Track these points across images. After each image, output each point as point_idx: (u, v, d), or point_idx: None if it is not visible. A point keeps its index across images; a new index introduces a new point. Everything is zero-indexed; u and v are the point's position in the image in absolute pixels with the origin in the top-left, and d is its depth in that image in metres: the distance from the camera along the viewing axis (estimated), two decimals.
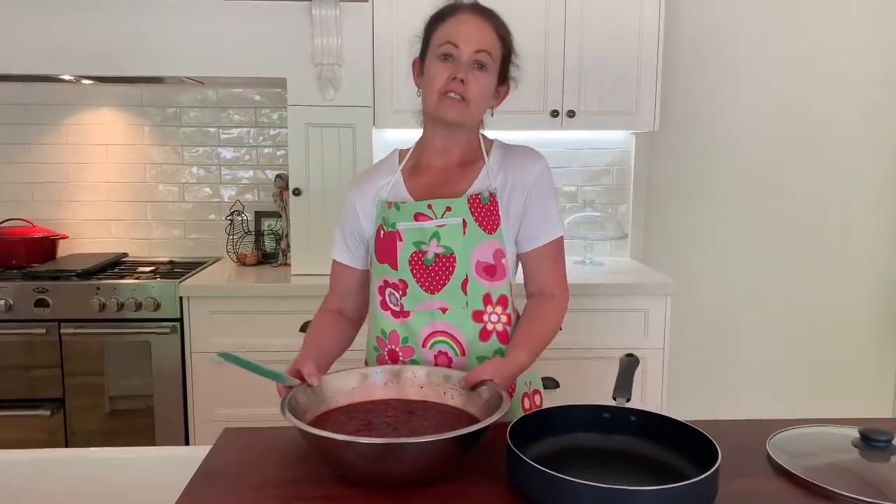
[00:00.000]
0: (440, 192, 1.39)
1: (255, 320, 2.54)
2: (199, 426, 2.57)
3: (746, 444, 1.19)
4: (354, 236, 1.45)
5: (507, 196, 1.37)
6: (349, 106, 2.62)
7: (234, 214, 2.92)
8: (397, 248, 1.36)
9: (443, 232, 1.35)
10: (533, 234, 1.39)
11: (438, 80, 1.32)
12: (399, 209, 1.37)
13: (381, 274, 1.40)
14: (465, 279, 1.35)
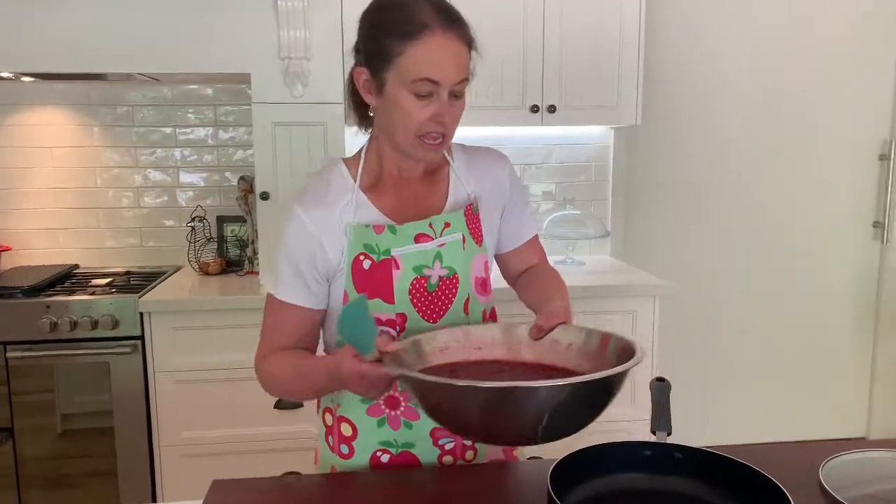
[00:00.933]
0: (419, 207, 1.23)
1: (223, 335, 2.36)
2: (164, 450, 2.38)
3: (797, 473, 1.09)
4: (316, 273, 1.17)
5: (486, 203, 1.28)
6: (319, 103, 2.45)
7: (194, 220, 2.72)
8: (393, 278, 1.17)
9: (444, 252, 1.20)
10: (517, 234, 1.36)
11: (415, 121, 1.12)
12: (395, 232, 1.17)
13: None
14: (467, 299, 1.23)
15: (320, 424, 1.31)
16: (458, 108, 1.15)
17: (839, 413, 3.40)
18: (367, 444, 1.23)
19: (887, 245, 3.28)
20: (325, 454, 1.29)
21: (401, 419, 1.21)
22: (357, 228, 1.16)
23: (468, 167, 1.28)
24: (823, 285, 3.29)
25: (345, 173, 1.22)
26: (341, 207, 1.17)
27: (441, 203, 1.24)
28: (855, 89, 3.18)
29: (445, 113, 1.12)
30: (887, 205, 3.24)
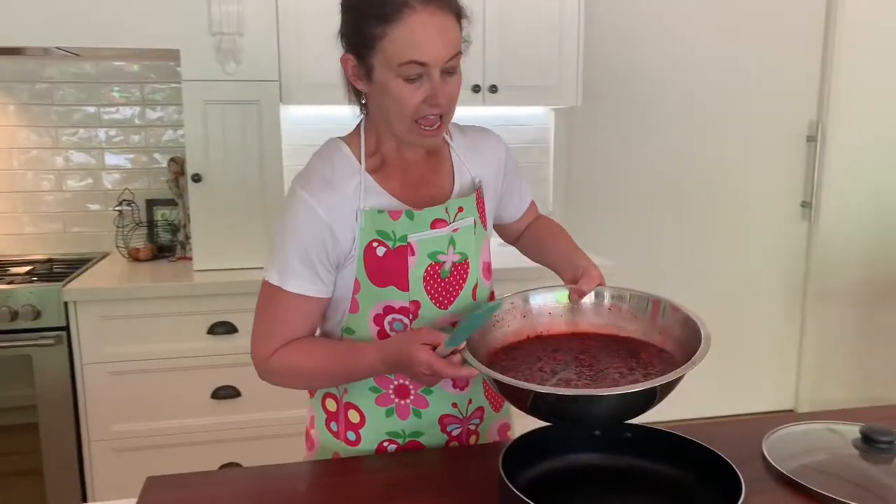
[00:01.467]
0: (428, 190, 1.19)
1: (156, 324, 2.26)
2: (94, 445, 2.27)
3: (741, 446, 1.11)
4: (327, 262, 1.11)
5: (487, 186, 1.25)
6: (253, 80, 2.36)
7: (122, 204, 2.59)
8: (409, 265, 1.12)
9: (457, 237, 1.16)
10: (517, 207, 1.36)
11: (408, 106, 1.06)
12: (413, 218, 1.11)
13: (380, 299, 1.13)
14: (476, 284, 1.21)
15: (318, 411, 1.25)
16: (454, 85, 1.08)
17: (769, 387, 3.53)
18: (375, 433, 1.19)
19: (814, 224, 3.40)
20: (327, 440, 1.23)
21: (410, 408, 1.18)
22: (371, 214, 1.10)
23: (469, 150, 1.24)
24: (754, 263, 3.39)
25: (348, 154, 1.14)
26: (351, 191, 1.11)
27: (448, 185, 1.20)
28: (784, 73, 3.27)
29: (439, 93, 1.05)
30: (814, 185, 3.36)
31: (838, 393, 3.52)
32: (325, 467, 1.12)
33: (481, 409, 1.24)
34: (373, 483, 1.04)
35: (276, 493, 1.01)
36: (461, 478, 1.05)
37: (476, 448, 1.20)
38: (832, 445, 1.13)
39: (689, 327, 1.04)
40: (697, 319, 1.04)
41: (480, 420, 1.24)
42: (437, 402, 1.19)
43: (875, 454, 1.06)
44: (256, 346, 1.15)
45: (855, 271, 3.44)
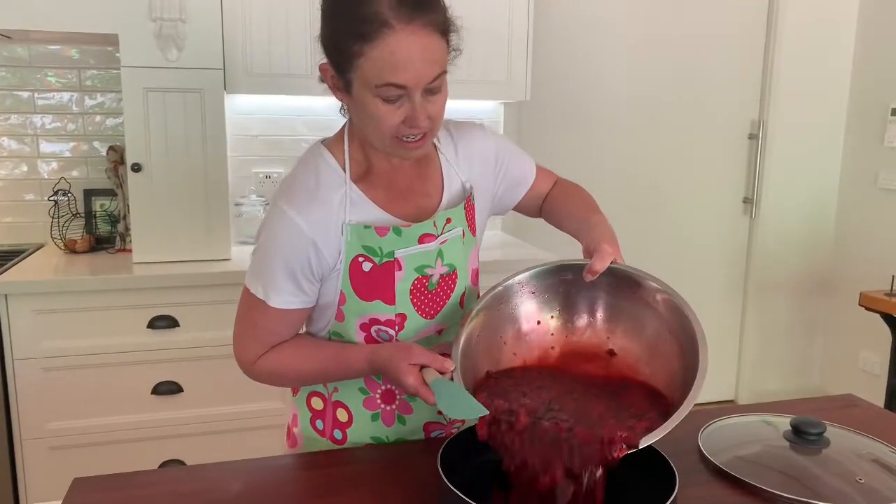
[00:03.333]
0: (416, 199, 1.14)
1: (93, 318, 2.19)
2: (27, 444, 2.19)
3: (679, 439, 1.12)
4: (311, 276, 1.08)
5: (478, 188, 1.21)
6: (196, 68, 2.29)
7: (57, 194, 2.49)
8: (395, 279, 1.10)
9: (445, 248, 1.13)
10: (523, 181, 1.30)
11: (387, 126, 1.01)
12: (400, 234, 1.08)
13: (365, 312, 1.11)
14: (464, 293, 1.18)
15: (302, 409, 1.23)
16: (439, 103, 1.03)
17: (710, 378, 3.59)
18: (360, 435, 1.18)
19: (756, 220, 3.49)
20: (312, 438, 1.21)
21: (395, 414, 1.17)
22: (356, 229, 1.07)
23: (457, 152, 1.19)
24: (697, 257, 3.46)
25: (332, 163, 1.10)
26: (336, 204, 1.07)
27: (437, 192, 1.16)
28: (727, 72, 3.34)
29: (419, 115, 0.99)
30: (756, 182, 3.45)
31: (778, 383, 3.63)
32: (261, 464, 1.10)
33: None
34: (314, 478, 1.03)
35: (208, 493, 0.98)
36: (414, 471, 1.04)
37: (428, 441, 1.19)
38: (765, 437, 1.15)
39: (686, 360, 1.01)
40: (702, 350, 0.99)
41: (463, 423, 1.23)
42: (421, 409, 1.18)
43: (805, 445, 1.09)
44: (241, 351, 1.15)
45: (794, 264, 3.55)
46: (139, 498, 0.95)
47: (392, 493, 0.97)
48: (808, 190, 3.49)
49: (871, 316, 2.82)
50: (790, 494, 0.97)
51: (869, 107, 3.33)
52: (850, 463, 1.06)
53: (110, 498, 0.96)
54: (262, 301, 1.09)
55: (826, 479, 1.02)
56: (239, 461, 1.08)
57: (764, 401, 3.43)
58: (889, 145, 3.21)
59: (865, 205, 3.37)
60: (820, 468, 1.06)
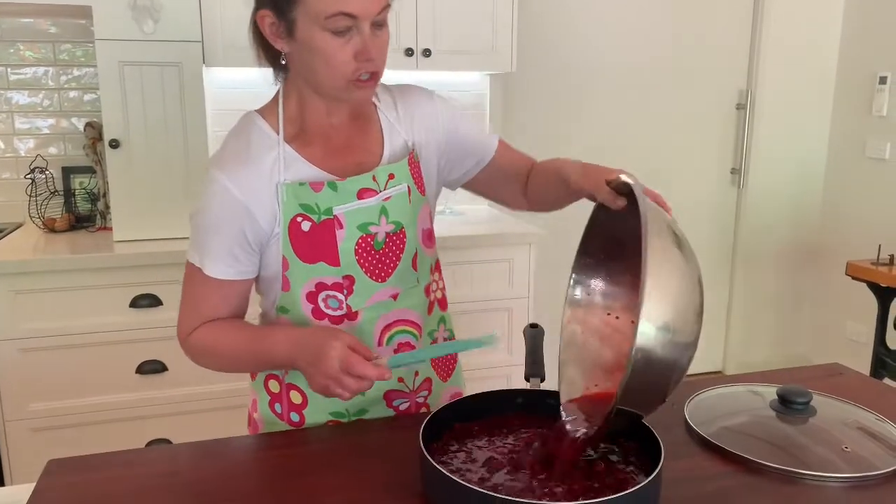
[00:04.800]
0: (355, 156, 1.11)
1: (75, 298, 2.16)
2: (9, 425, 2.17)
3: (666, 410, 1.11)
4: (247, 245, 1.05)
5: (425, 149, 1.18)
6: (173, 41, 2.24)
7: (34, 172, 2.44)
8: (337, 239, 1.06)
9: (390, 205, 1.10)
10: (481, 152, 1.23)
11: (338, 62, 0.98)
12: (336, 189, 1.05)
13: (310, 276, 1.07)
14: (415, 254, 1.15)
15: (261, 393, 1.19)
16: (384, 39, 1.02)
17: (698, 349, 3.62)
18: (318, 413, 1.14)
19: (743, 190, 3.48)
20: (272, 422, 1.17)
21: None
22: (291, 188, 1.04)
23: (399, 111, 1.16)
24: (685, 228, 3.43)
25: (264, 128, 1.07)
26: (269, 166, 1.04)
27: (377, 149, 1.12)
28: (715, 41, 3.31)
29: (371, 48, 0.98)
30: (744, 152, 3.43)
31: (765, 353, 3.65)
32: (240, 443, 1.08)
33: (429, 380, 1.20)
34: (293, 457, 1.01)
35: (184, 473, 0.96)
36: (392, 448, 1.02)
37: (405, 418, 1.17)
38: (752, 407, 1.14)
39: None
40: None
41: (429, 392, 1.21)
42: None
43: (791, 415, 1.08)
44: (180, 323, 1.13)
45: (781, 235, 3.54)
46: (113, 479, 0.93)
47: (372, 470, 0.96)
48: (795, 160, 3.47)
49: (857, 285, 2.83)
50: (776, 464, 0.96)
51: (857, 75, 3.31)
52: (836, 431, 1.06)
53: (84, 479, 0.93)
54: (198, 270, 1.06)
55: (812, 448, 1.02)
56: (217, 440, 1.06)
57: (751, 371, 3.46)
58: (877, 114, 3.20)
59: (853, 174, 3.37)
60: (806, 437, 1.05)
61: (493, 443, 0.97)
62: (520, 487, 0.86)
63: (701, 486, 0.94)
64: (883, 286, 2.71)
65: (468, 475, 0.88)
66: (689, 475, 0.96)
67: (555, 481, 0.87)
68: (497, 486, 0.86)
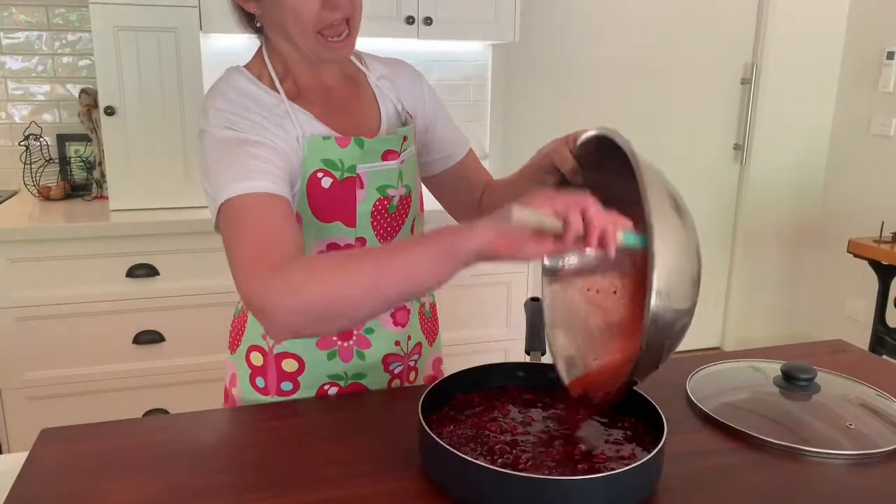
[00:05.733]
0: (355, 118, 1.08)
1: (70, 267, 2.14)
2: (6, 394, 2.16)
3: (667, 386, 1.10)
4: (280, 165, 0.94)
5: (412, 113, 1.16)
6: (169, 6, 2.19)
7: (28, 139, 2.41)
8: (356, 198, 1.02)
9: (404, 169, 1.08)
10: (452, 149, 1.21)
11: (306, 14, 0.94)
12: (363, 146, 1.01)
13: (324, 235, 1.03)
14: (414, 219, 1.14)
15: (241, 367, 1.13)
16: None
17: (696, 325, 3.60)
18: (315, 378, 1.11)
19: (746, 166, 3.44)
20: (251, 397, 1.12)
21: (353, 350, 1.11)
22: (314, 141, 0.99)
23: (390, 81, 1.14)
24: (687, 204, 3.41)
25: (258, 83, 1.00)
26: (280, 117, 0.97)
27: (374, 114, 1.10)
28: (721, 13, 3.25)
29: (343, 2, 0.95)
30: (747, 127, 3.39)
31: (763, 330, 3.65)
32: (235, 414, 1.07)
33: (419, 344, 1.20)
34: (287, 428, 0.99)
35: (179, 443, 0.95)
36: (390, 418, 1.01)
37: (404, 390, 1.16)
38: (754, 383, 1.13)
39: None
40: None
41: (419, 356, 1.20)
42: (380, 341, 1.12)
43: (795, 391, 1.07)
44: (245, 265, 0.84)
45: (783, 212, 3.52)
46: (107, 449, 0.92)
47: (369, 443, 0.94)
48: (799, 136, 3.44)
49: (858, 263, 2.81)
50: (779, 440, 0.95)
51: (864, 51, 3.26)
52: (839, 408, 1.05)
53: (78, 448, 0.92)
54: (243, 199, 0.88)
55: (816, 425, 1.01)
56: (213, 410, 1.05)
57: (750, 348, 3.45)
58: (883, 90, 3.16)
59: (857, 151, 3.33)
60: (809, 414, 1.04)
61: (493, 416, 0.96)
62: (524, 460, 0.84)
63: (702, 461, 0.93)
64: (884, 264, 2.70)
65: (466, 448, 0.87)
66: (691, 451, 0.95)
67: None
68: (498, 460, 0.85)
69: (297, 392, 1.12)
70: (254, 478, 0.87)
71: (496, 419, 0.94)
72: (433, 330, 1.24)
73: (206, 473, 0.88)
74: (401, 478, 0.87)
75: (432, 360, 1.25)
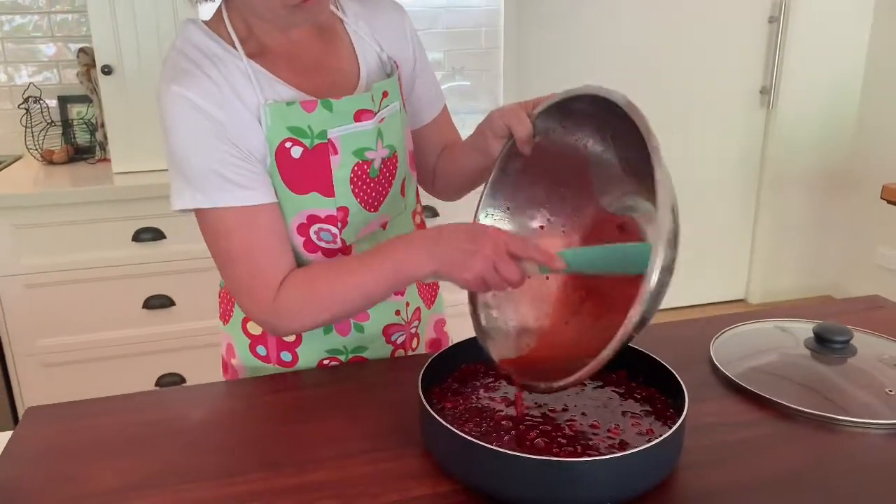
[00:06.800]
0: (329, 77, 0.98)
1: (77, 232, 2.09)
2: (19, 361, 2.15)
3: (689, 349, 1.03)
4: (254, 158, 0.90)
5: (399, 60, 1.06)
6: None
7: (28, 101, 2.34)
8: (331, 166, 0.93)
9: (384, 128, 0.98)
10: (428, 102, 1.12)
11: None
12: (331, 109, 0.91)
13: (301, 208, 0.95)
14: (404, 179, 1.04)
15: (238, 337, 1.08)
16: None
17: (720, 276, 3.52)
18: (313, 352, 1.05)
19: (773, 111, 3.29)
20: (254, 367, 1.07)
21: (350, 323, 1.04)
22: (277, 108, 0.89)
23: (367, 23, 1.03)
24: (709, 150, 3.29)
25: (215, 38, 0.91)
26: (240, 82, 0.88)
27: (351, 68, 0.99)
28: None
29: None
30: (775, 69, 3.23)
31: (790, 281, 3.54)
32: (229, 388, 1.02)
33: (418, 309, 1.12)
34: (282, 403, 0.94)
35: (168, 421, 0.90)
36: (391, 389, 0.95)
37: (406, 359, 1.10)
38: (784, 345, 1.05)
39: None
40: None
41: (419, 321, 1.13)
42: (379, 312, 1.05)
43: (828, 355, 0.99)
44: (249, 294, 0.92)
45: (812, 158, 3.37)
46: (95, 428, 0.88)
47: (370, 417, 0.89)
48: (830, 77, 3.26)
49: (891, 210, 2.68)
50: (812, 409, 0.87)
51: None
52: (878, 373, 0.96)
53: (65, 427, 0.88)
54: (217, 212, 0.88)
55: (852, 392, 0.93)
56: (203, 385, 1.00)
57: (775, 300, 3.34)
58: None
59: (892, 92, 3.16)
60: (845, 379, 0.96)
61: (500, 386, 0.89)
62: (532, 437, 0.78)
63: (728, 433, 0.86)
64: None
65: (470, 425, 0.81)
66: (715, 421, 0.88)
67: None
68: (504, 437, 0.78)
69: (297, 364, 1.06)
70: (245, 458, 0.82)
71: (503, 390, 0.88)
72: (432, 292, 1.17)
73: (197, 453, 0.83)
74: (400, 456, 0.81)
75: (433, 322, 1.18)
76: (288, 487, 0.77)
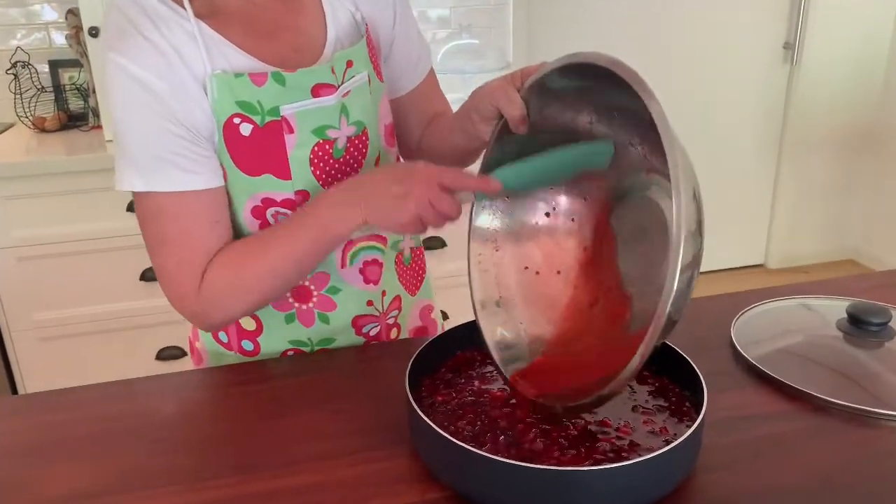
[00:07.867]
0: (292, 40, 0.87)
1: (71, 202, 2.02)
2: (15, 335, 2.10)
3: (709, 330, 0.95)
4: (199, 136, 0.81)
5: (373, 23, 0.95)
6: None
7: (16, 66, 2.25)
8: (287, 146, 0.84)
9: (349, 101, 0.87)
10: (412, 67, 1.02)
11: None
12: (284, 83, 0.82)
13: (255, 190, 0.86)
14: (377, 157, 0.94)
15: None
16: None
17: (739, 241, 3.41)
18: (275, 341, 0.97)
19: (796, 67, 3.14)
20: (217, 353, 1.00)
21: (314, 313, 0.95)
22: (224, 79, 0.79)
23: None
24: (728, 111, 3.15)
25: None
26: (185, 46, 0.78)
27: (317, 31, 0.88)
28: None
29: None
30: (799, 23, 3.06)
31: (811, 246, 3.42)
32: (203, 378, 0.94)
33: (398, 297, 1.02)
34: (258, 394, 0.87)
35: (136, 415, 0.83)
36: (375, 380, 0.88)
37: (396, 344, 1.02)
38: (812, 326, 0.96)
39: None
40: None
41: (399, 310, 1.03)
42: (347, 301, 0.95)
43: (863, 338, 0.89)
44: (172, 285, 0.86)
45: (835, 118, 3.22)
46: (54, 424, 0.81)
47: (352, 410, 0.82)
48: (857, 32, 3.09)
49: None
50: (846, 401, 0.78)
51: None
52: None
53: (21, 424, 0.81)
54: (151, 196, 0.81)
55: (891, 380, 0.84)
56: (174, 374, 0.92)
57: (796, 265, 3.22)
58: None
59: None
60: (883, 366, 0.87)
61: (492, 379, 0.81)
62: (532, 437, 0.70)
63: (750, 428, 0.77)
64: None
65: (461, 423, 0.73)
66: (736, 414, 0.79)
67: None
68: (500, 437, 0.70)
69: (259, 353, 0.97)
70: (217, 459, 0.74)
71: (500, 382, 0.80)
72: (416, 277, 1.07)
73: (164, 453, 0.76)
74: (389, 456, 0.74)
75: (419, 309, 1.08)
76: (263, 493, 0.69)
